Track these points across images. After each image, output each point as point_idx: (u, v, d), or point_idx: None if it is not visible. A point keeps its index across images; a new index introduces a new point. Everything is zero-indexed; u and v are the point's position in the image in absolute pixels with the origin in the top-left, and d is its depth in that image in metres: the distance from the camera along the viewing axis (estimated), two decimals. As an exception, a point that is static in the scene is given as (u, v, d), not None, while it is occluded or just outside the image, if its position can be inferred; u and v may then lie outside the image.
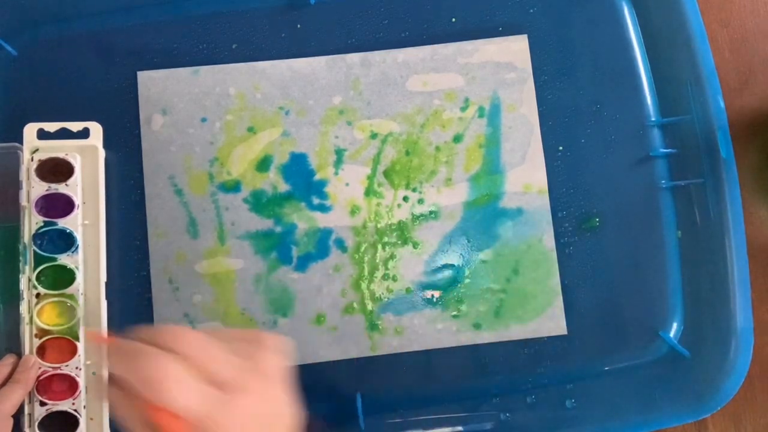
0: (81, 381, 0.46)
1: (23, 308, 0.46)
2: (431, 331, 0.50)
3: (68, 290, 0.46)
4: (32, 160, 0.47)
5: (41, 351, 0.46)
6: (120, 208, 0.50)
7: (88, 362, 0.47)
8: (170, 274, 0.49)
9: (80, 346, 0.46)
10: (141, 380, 0.30)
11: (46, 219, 0.46)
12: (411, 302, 0.50)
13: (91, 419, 0.47)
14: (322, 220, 0.50)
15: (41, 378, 0.46)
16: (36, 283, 0.46)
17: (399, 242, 0.50)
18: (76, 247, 0.47)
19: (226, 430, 0.30)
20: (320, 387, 0.49)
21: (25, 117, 0.47)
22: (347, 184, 0.51)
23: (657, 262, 0.51)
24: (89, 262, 0.47)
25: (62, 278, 0.46)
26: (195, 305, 0.49)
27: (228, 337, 0.34)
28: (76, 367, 0.46)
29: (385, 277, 0.50)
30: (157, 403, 0.30)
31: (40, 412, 0.45)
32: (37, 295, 0.46)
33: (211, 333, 0.34)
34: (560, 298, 0.50)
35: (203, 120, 0.51)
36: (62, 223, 0.46)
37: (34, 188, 0.46)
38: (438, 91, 0.52)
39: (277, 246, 0.50)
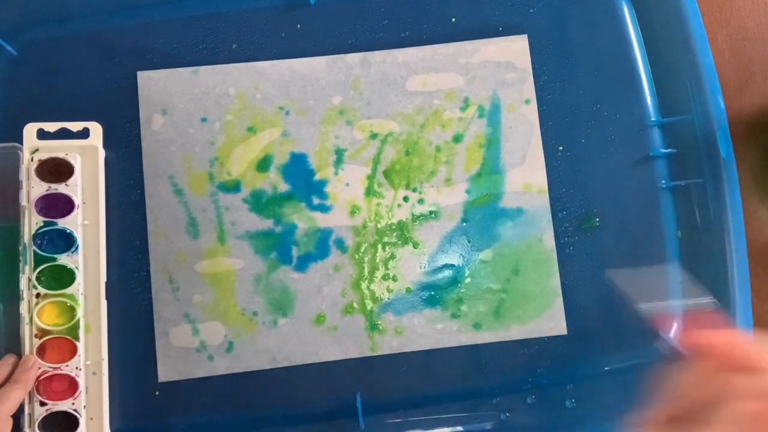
0: (81, 381, 0.46)
1: (23, 308, 0.46)
2: (431, 331, 0.50)
3: (68, 290, 0.46)
4: (32, 160, 0.47)
5: (41, 351, 0.46)
6: (120, 208, 0.50)
7: (88, 362, 0.47)
8: (170, 274, 0.49)
9: (80, 346, 0.46)
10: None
11: (46, 219, 0.46)
12: (411, 302, 0.50)
13: (91, 419, 0.47)
14: (322, 220, 0.50)
15: (41, 378, 0.46)
16: (36, 283, 0.46)
17: (399, 242, 0.50)
18: (76, 247, 0.47)
19: None
20: (320, 387, 0.49)
21: (25, 117, 0.48)
22: (347, 184, 0.51)
23: (657, 262, 0.51)
24: (89, 262, 0.47)
25: (62, 278, 0.46)
26: (195, 305, 0.49)
27: None
28: (76, 367, 0.46)
29: (385, 277, 0.50)
30: None
31: (40, 412, 0.45)
32: (37, 295, 0.46)
33: None
34: (560, 298, 0.50)
35: (203, 120, 0.51)
36: (62, 223, 0.47)
37: (34, 188, 0.46)
38: (438, 91, 0.52)
39: (277, 246, 0.50)
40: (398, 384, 0.50)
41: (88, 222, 0.48)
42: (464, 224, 0.51)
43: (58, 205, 0.47)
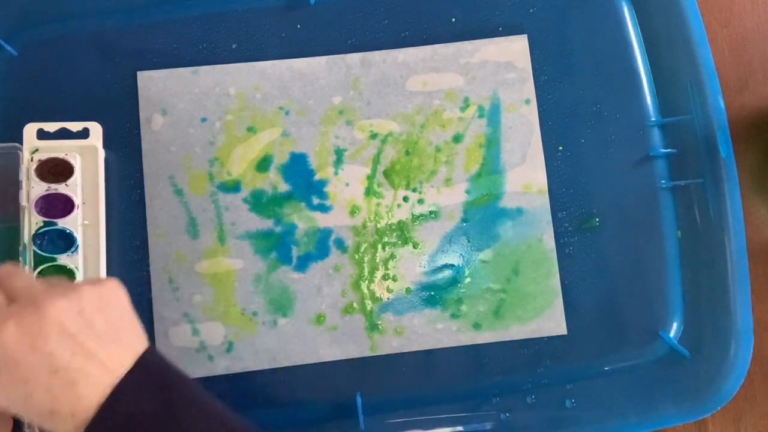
0: (81, 381, 0.46)
1: (23, 308, 0.46)
2: (431, 331, 0.50)
3: (68, 290, 0.46)
4: (32, 160, 0.47)
5: (41, 351, 0.46)
6: (120, 208, 0.50)
7: (88, 362, 0.47)
8: (170, 274, 0.49)
9: (80, 346, 0.46)
10: None
11: (46, 219, 0.46)
12: (411, 302, 0.50)
13: (91, 419, 0.47)
14: (322, 220, 0.50)
15: (41, 378, 0.45)
16: (36, 283, 0.46)
17: (399, 242, 0.50)
18: (76, 247, 0.47)
19: None
20: (320, 387, 0.49)
21: (25, 117, 0.48)
22: (347, 184, 0.51)
23: (657, 262, 0.51)
24: (89, 262, 0.47)
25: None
26: (195, 305, 0.49)
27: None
28: (76, 367, 0.46)
29: (385, 277, 0.50)
30: None
31: (40, 412, 0.45)
32: (37, 295, 0.46)
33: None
34: (560, 298, 0.50)
35: (203, 120, 0.51)
36: (62, 223, 0.47)
37: (34, 188, 0.46)
38: (438, 91, 0.52)
39: (277, 246, 0.50)
40: (398, 384, 0.50)
41: (88, 222, 0.48)
42: (464, 224, 0.51)
43: (58, 205, 0.47)
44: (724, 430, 0.52)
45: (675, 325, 0.51)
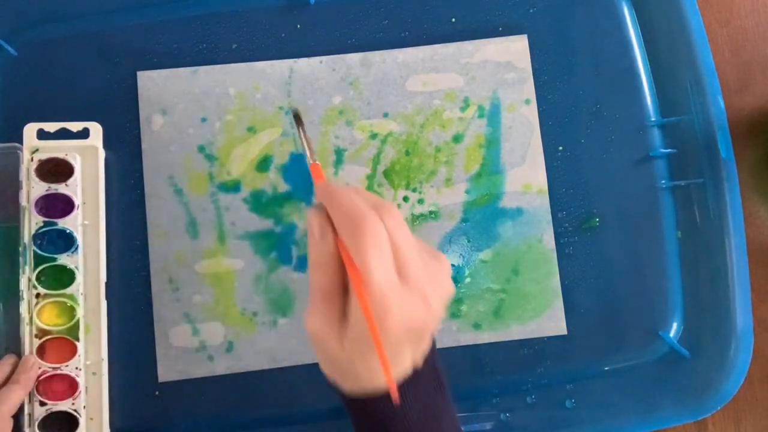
0: (81, 381, 0.46)
1: (23, 308, 0.46)
2: (431, 331, 0.50)
3: (68, 290, 0.46)
4: (32, 160, 0.47)
5: (41, 351, 0.46)
6: (120, 208, 0.50)
7: (88, 362, 0.47)
8: (170, 274, 0.49)
9: (80, 346, 0.46)
10: (353, 234, 0.32)
11: (46, 219, 0.46)
12: (411, 302, 0.50)
13: (91, 419, 0.47)
14: (322, 220, 0.50)
15: (41, 378, 0.46)
16: (36, 283, 0.46)
17: (399, 242, 0.50)
18: (76, 247, 0.47)
19: (392, 317, 0.32)
20: (320, 387, 0.49)
21: (25, 117, 0.48)
22: (347, 184, 0.51)
23: (657, 262, 0.51)
24: (89, 262, 0.47)
25: (62, 278, 0.46)
26: (195, 305, 0.49)
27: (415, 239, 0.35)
28: (76, 367, 0.46)
29: (385, 277, 0.50)
30: (354, 259, 0.32)
31: (40, 412, 0.45)
32: (37, 295, 0.46)
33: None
34: (560, 298, 0.50)
35: (203, 120, 0.51)
36: (62, 223, 0.47)
37: (34, 188, 0.46)
38: (438, 91, 0.52)
39: (277, 246, 0.50)
40: (398, 384, 0.49)
41: (88, 222, 0.48)
42: (464, 224, 0.51)
43: (58, 205, 0.47)
44: (724, 430, 0.52)
45: (675, 325, 0.51)
